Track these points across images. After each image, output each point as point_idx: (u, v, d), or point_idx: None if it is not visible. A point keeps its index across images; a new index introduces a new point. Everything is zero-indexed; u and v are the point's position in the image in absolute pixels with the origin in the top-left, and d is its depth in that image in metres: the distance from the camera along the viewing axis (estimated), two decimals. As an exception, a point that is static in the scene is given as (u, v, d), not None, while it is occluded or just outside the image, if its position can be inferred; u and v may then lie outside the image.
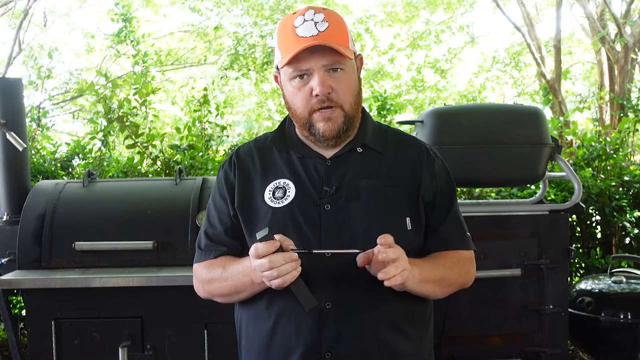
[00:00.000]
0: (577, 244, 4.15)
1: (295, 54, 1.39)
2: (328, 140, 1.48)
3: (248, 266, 1.41)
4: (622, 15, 8.89)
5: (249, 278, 1.42)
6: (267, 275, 1.30)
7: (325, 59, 1.41)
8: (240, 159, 1.58)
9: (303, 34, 1.40)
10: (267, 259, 1.29)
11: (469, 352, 2.90)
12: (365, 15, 12.92)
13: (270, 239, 1.30)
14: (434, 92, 13.68)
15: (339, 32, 1.44)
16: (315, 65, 1.41)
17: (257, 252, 1.30)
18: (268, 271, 1.29)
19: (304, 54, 1.40)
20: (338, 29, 1.44)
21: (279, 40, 1.46)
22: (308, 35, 1.40)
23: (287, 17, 1.47)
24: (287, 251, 1.30)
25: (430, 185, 1.51)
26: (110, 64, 10.31)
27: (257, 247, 1.30)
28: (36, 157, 4.59)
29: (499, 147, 2.82)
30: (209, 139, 4.84)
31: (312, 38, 1.39)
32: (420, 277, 1.39)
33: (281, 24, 1.48)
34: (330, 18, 1.43)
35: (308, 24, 1.41)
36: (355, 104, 1.48)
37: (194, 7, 11.84)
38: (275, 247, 1.29)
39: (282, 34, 1.45)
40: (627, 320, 2.87)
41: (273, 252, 1.29)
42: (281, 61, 1.44)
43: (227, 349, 2.41)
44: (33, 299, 2.53)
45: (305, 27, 1.41)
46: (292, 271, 1.30)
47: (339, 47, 1.40)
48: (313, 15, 1.42)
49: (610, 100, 8.52)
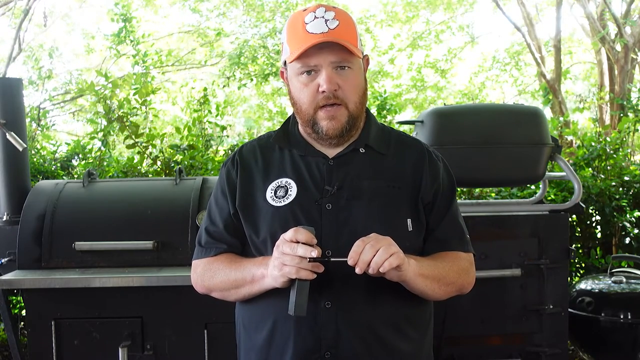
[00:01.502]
0: (577, 244, 4.15)
1: (305, 49, 1.39)
2: (331, 138, 1.48)
3: (257, 262, 1.42)
4: (622, 15, 8.89)
5: (251, 273, 1.42)
6: (288, 261, 1.30)
7: (333, 55, 1.41)
8: (243, 157, 1.58)
9: (313, 30, 1.41)
10: (301, 246, 1.29)
11: (469, 352, 2.90)
12: (365, 15, 12.92)
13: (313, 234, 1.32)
14: (434, 91, 13.70)
15: (349, 31, 1.44)
16: (324, 61, 1.41)
17: (296, 235, 1.30)
18: (293, 256, 1.29)
19: (313, 50, 1.40)
20: (348, 28, 1.44)
21: (288, 35, 1.47)
22: (318, 32, 1.41)
23: (298, 13, 1.47)
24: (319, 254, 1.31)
25: (430, 187, 1.51)
26: (110, 64, 10.31)
27: (298, 230, 1.31)
28: (36, 157, 4.59)
29: (499, 147, 2.82)
30: (209, 139, 4.85)
31: (322, 35, 1.40)
32: (418, 271, 1.39)
33: (291, 19, 1.48)
34: (341, 16, 1.44)
35: (319, 21, 1.42)
36: (360, 103, 1.49)
37: (195, 7, 11.83)
38: (314, 242, 1.31)
39: (292, 29, 1.46)
40: (627, 320, 2.87)
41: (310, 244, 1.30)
42: (290, 56, 1.44)
43: (227, 349, 2.41)
44: (33, 299, 2.53)
45: (315, 24, 1.42)
46: (310, 271, 1.31)
47: (348, 45, 1.41)
48: (324, 13, 1.43)
49: (610, 100, 8.53)
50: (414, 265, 1.37)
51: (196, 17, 12.06)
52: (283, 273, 1.32)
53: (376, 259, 1.28)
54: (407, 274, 1.35)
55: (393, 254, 1.29)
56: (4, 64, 8.63)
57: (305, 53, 1.40)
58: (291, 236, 1.31)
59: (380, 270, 1.29)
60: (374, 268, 1.29)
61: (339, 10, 1.47)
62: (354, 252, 1.30)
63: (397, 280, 1.37)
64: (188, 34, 12.51)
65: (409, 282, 1.39)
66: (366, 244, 1.30)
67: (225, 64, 11.19)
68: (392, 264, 1.29)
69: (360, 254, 1.29)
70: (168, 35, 12.60)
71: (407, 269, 1.34)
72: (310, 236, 1.31)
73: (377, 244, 1.30)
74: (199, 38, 12.11)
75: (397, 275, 1.34)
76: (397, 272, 1.33)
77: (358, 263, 1.30)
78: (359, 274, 1.31)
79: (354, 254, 1.30)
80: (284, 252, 1.31)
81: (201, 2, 11.89)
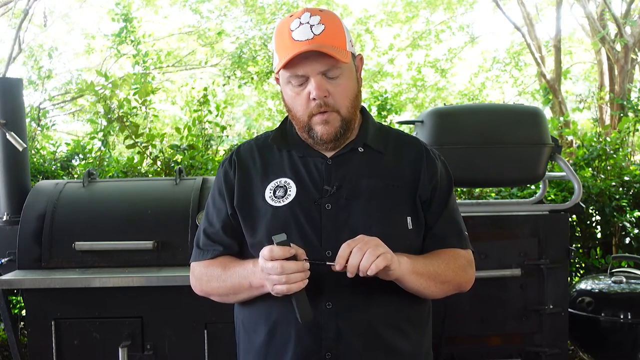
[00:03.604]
0: (577, 244, 4.15)
1: (289, 59, 1.38)
2: (326, 143, 1.48)
3: (249, 269, 1.41)
4: (622, 15, 8.89)
5: (248, 281, 1.42)
6: (275, 280, 1.29)
7: (320, 64, 1.40)
8: (240, 157, 1.58)
9: (299, 37, 1.39)
10: (280, 264, 1.28)
11: (469, 352, 2.90)
12: (365, 15, 12.92)
13: (287, 244, 1.29)
14: (434, 91, 13.69)
15: (336, 35, 1.43)
16: (311, 70, 1.40)
17: (272, 254, 1.29)
18: (277, 276, 1.29)
19: (300, 59, 1.39)
20: (334, 31, 1.43)
21: (276, 43, 1.46)
22: (303, 39, 1.39)
23: (284, 20, 1.46)
24: (301, 260, 1.30)
25: (428, 184, 1.51)
26: (110, 64, 10.31)
27: (272, 249, 1.29)
28: (36, 157, 4.60)
29: (499, 147, 2.82)
30: (209, 139, 4.85)
31: (308, 42, 1.39)
32: (412, 269, 1.38)
33: (278, 27, 1.47)
34: (327, 20, 1.42)
35: (304, 27, 1.40)
36: (353, 107, 1.48)
37: (196, 8, 11.82)
38: (291, 254, 1.29)
39: (279, 37, 1.45)
40: (627, 320, 2.87)
41: (287, 258, 1.29)
42: (278, 65, 1.43)
43: (227, 349, 2.41)
44: (33, 299, 2.53)
45: (300, 31, 1.40)
46: (300, 281, 1.30)
47: (334, 52, 1.39)
48: (309, 18, 1.41)
49: (610, 100, 8.53)
50: (406, 264, 1.37)
51: (196, 17, 12.06)
52: (277, 292, 1.32)
53: (363, 263, 1.28)
54: (397, 273, 1.35)
55: (380, 256, 1.28)
56: (4, 64, 8.63)
57: (292, 62, 1.39)
58: (268, 256, 1.30)
59: (368, 274, 1.29)
60: (362, 271, 1.29)
61: (325, 13, 1.45)
62: (340, 257, 1.30)
63: (390, 279, 1.36)
64: (188, 34, 12.50)
65: (402, 280, 1.38)
66: (352, 247, 1.29)
67: (226, 64, 11.19)
68: (379, 266, 1.28)
69: (348, 258, 1.29)
70: (168, 35, 12.59)
71: (397, 268, 1.34)
72: (286, 249, 1.29)
73: (364, 247, 1.29)
74: (200, 39, 12.10)
75: (388, 275, 1.34)
76: (387, 271, 1.32)
77: (347, 268, 1.29)
78: (350, 277, 1.30)
79: (340, 259, 1.30)
80: (269, 274, 1.30)
81: (202, 3, 11.88)
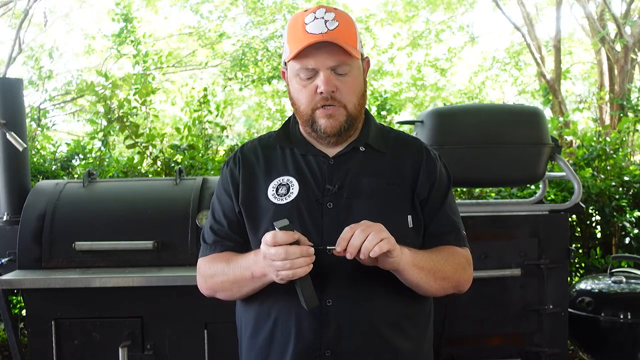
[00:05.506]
0: (577, 244, 4.15)
1: (302, 47, 1.40)
2: (329, 137, 1.49)
3: (250, 259, 1.41)
4: (622, 16, 8.89)
5: (250, 271, 1.41)
6: (279, 266, 1.29)
7: (331, 58, 1.42)
8: (244, 155, 1.59)
9: (312, 30, 1.42)
10: (284, 249, 1.28)
11: (469, 352, 2.90)
12: (365, 14, 12.92)
13: (290, 229, 1.29)
14: (434, 90, 13.69)
15: (348, 32, 1.45)
16: (322, 63, 1.42)
17: (275, 239, 1.28)
18: (281, 261, 1.28)
19: (312, 51, 1.41)
20: (347, 29, 1.45)
21: (288, 35, 1.48)
22: (317, 32, 1.42)
23: (299, 14, 1.49)
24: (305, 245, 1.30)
25: (426, 183, 1.52)
26: (111, 64, 10.31)
27: (276, 234, 1.29)
28: (36, 157, 4.60)
29: (499, 147, 2.82)
30: (209, 139, 4.85)
31: (321, 35, 1.41)
32: (412, 261, 1.38)
33: (292, 20, 1.50)
34: (341, 18, 1.45)
35: (318, 22, 1.43)
36: (359, 104, 1.50)
37: (196, 8, 11.81)
38: (294, 239, 1.29)
39: (292, 29, 1.47)
40: (627, 320, 2.88)
41: (290, 243, 1.29)
42: (288, 55, 1.45)
43: (227, 349, 2.41)
44: (33, 299, 2.53)
45: (315, 25, 1.43)
46: (305, 266, 1.29)
47: (346, 46, 1.41)
48: (324, 14, 1.44)
49: (610, 100, 8.52)
50: (408, 255, 1.37)
51: (197, 18, 12.05)
52: (281, 278, 1.31)
53: (366, 244, 1.28)
54: (400, 262, 1.35)
55: (384, 239, 1.29)
56: (4, 65, 8.63)
57: (303, 53, 1.41)
58: (272, 242, 1.29)
59: (370, 255, 1.28)
60: (364, 253, 1.28)
61: (339, 11, 1.48)
62: (342, 238, 1.30)
63: (390, 268, 1.36)
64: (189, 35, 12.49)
65: (403, 271, 1.38)
66: (355, 230, 1.30)
67: (226, 65, 11.18)
68: (383, 249, 1.28)
69: (349, 240, 1.29)
70: (168, 36, 12.58)
71: (400, 256, 1.34)
72: (289, 234, 1.29)
73: (368, 229, 1.29)
74: (200, 40, 12.09)
75: (389, 263, 1.33)
76: (388, 258, 1.32)
77: (348, 248, 1.29)
78: (349, 259, 1.30)
79: (342, 240, 1.30)
80: (273, 260, 1.30)
81: (202, 3, 11.88)
